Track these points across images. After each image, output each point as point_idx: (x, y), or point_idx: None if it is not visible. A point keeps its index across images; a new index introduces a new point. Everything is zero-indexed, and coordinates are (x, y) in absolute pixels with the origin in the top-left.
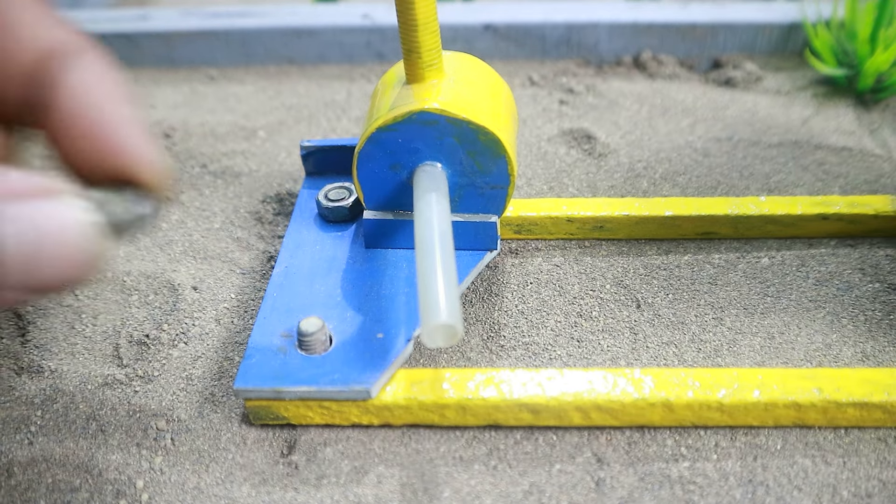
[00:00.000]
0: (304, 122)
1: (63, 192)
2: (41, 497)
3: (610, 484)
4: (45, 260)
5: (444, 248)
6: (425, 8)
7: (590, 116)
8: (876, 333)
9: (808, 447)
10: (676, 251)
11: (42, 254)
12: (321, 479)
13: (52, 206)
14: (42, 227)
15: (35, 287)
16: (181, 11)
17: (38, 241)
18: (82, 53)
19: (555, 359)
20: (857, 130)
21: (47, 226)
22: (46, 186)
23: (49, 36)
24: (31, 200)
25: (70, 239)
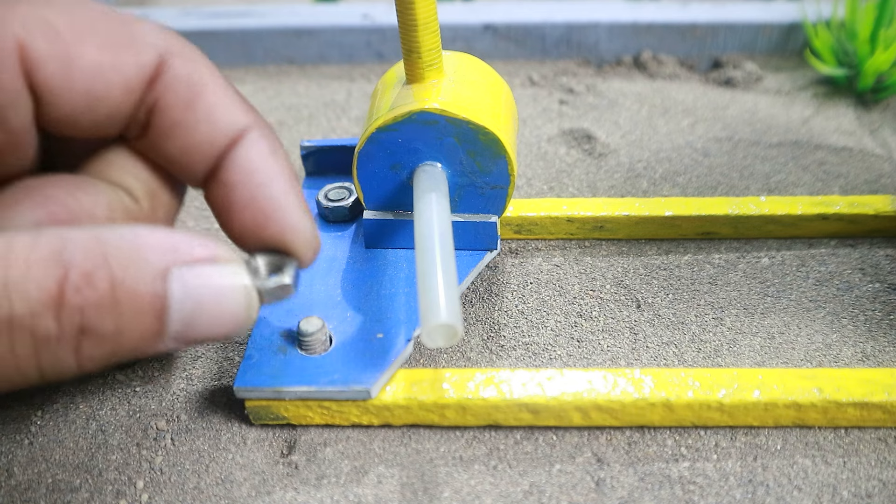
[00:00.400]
0: (304, 122)
1: (228, 260)
2: (41, 497)
3: (610, 484)
4: (204, 318)
5: (444, 248)
6: (425, 8)
7: (590, 116)
8: (876, 333)
9: (809, 447)
10: (676, 251)
11: (201, 313)
12: (321, 479)
13: (217, 271)
14: (205, 290)
15: (189, 340)
16: (181, 11)
17: (200, 301)
18: (254, 130)
19: (555, 359)
20: (858, 130)
21: (210, 289)
22: (214, 254)
23: (239, 120)
24: (199, 265)
25: (227, 303)
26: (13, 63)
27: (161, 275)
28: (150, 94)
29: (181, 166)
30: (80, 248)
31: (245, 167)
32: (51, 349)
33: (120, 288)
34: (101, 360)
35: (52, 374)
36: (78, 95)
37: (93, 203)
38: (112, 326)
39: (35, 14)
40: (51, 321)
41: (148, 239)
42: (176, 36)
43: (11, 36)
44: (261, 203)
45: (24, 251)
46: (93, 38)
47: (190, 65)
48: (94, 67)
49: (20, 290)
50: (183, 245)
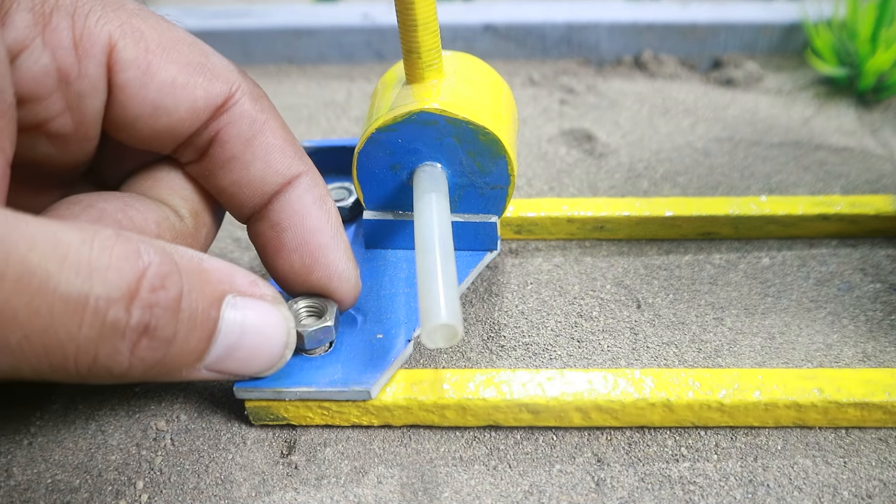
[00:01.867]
0: (304, 122)
1: (276, 299)
2: (40, 497)
3: (610, 484)
4: (243, 351)
5: (444, 249)
6: (425, 8)
7: (590, 116)
8: (877, 334)
9: (809, 447)
10: (677, 251)
11: (242, 344)
12: (321, 480)
13: (265, 307)
14: (251, 323)
15: (224, 371)
16: (181, 11)
17: (245, 332)
18: (306, 176)
19: (555, 359)
20: (859, 130)
21: (256, 323)
22: (264, 292)
23: (293, 165)
24: (252, 299)
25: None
26: (101, 58)
27: (218, 300)
28: (214, 124)
29: (231, 199)
30: (158, 254)
31: (297, 211)
32: (113, 340)
33: (186, 299)
34: (147, 367)
35: (102, 369)
36: (146, 104)
37: (143, 220)
38: (170, 333)
39: (130, 22)
40: (122, 311)
41: (212, 265)
42: (249, 77)
43: (107, 34)
44: (311, 248)
45: (110, 241)
46: (174, 57)
47: (256, 104)
48: (169, 82)
49: (102, 275)
50: (239, 277)
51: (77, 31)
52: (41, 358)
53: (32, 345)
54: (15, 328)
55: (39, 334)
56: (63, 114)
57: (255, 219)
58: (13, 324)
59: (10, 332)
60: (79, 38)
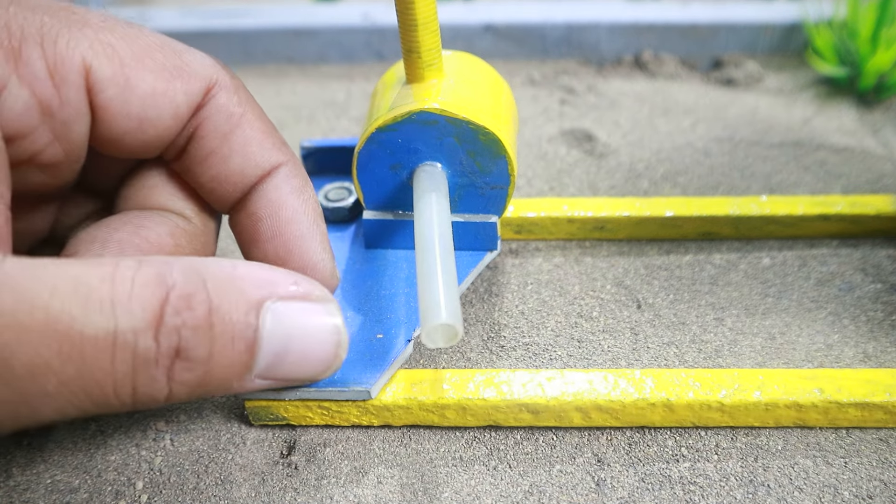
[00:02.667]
0: (304, 121)
1: (322, 298)
2: (40, 498)
3: (610, 484)
4: (292, 356)
5: (444, 249)
6: (425, 8)
7: (590, 116)
8: (877, 334)
9: (810, 448)
10: (677, 251)
11: (291, 350)
12: (321, 480)
13: (310, 308)
14: (297, 327)
15: (276, 378)
16: (181, 11)
17: (291, 337)
18: (286, 166)
19: (555, 359)
20: (859, 130)
21: (301, 326)
22: (308, 291)
23: (272, 156)
24: (294, 301)
25: (317, 342)
26: (79, 81)
27: (255, 307)
28: (193, 120)
29: (212, 193)
30: (182, 273)
31: (274, 201)
32: (147, 369)
33: (216, 314)
34: (191, 388)
35: (145, 397)
36: (131, 118)
37: (157, 236)
38: (205, 351)
39: (99, 38)
40: (150, 340)
41: (246, 271)
42: (225, 68)
43: (79, 56)
44: (285, 238)
45: (130, 272)
46: (149, 65)
47: (233, 97)
48: (149, 93)
49: (125, 308)
50: (280, 280)
51: (49, 59)
52: (82, 398)
53: (71, 388)
54: (49, 376)
55: (75, 378)
56: (51, 143)
57: (235, 210)
58: (47, 372)
59: (45, 380)
60: (52, 66)
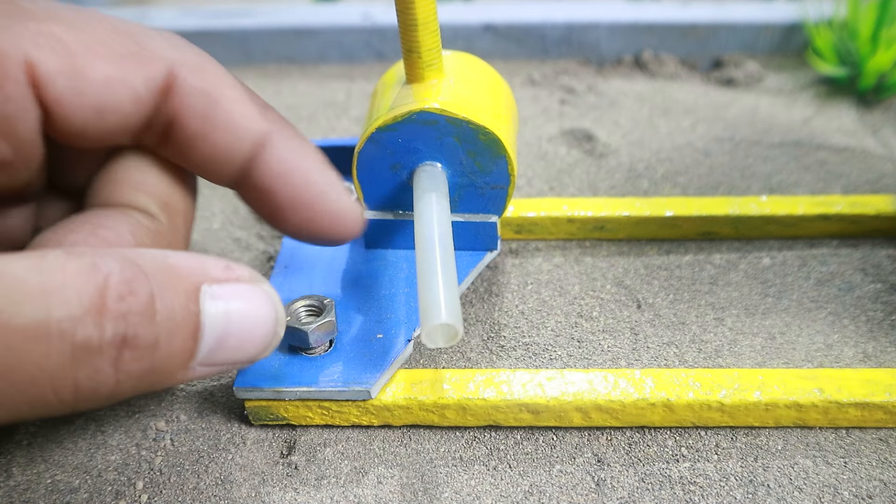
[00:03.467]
0: (304, 121)
1: (254, 280)
2: (40, 497)
3: (610, 484)
4: (233, 339)
5: (444, 249)
6: (425, 8)
7: (590, 116)
8: (877, 334)
9: (809, 448)
10: (677, 251)
11: (232, 333)
12: (321, 480)
13: (246, 290)
14: (236, 309)
15: (220, 363)
16: (181, 11)
17: (231, 320)
18: (276, 130)
19: (555, 359)
20: (859, 130)
21: (241, 308)
22: (239, 275)
23: (258, 125)
24: (229, 284)
25: (256, 321)
26: (21, 77)
27: (194, 292)
28: (166, 106)
29: (208, 172)
30: (117, 261)
31: (281, 172)
32: (91, 360)
33: (158, 299)
34: (137, 379)
35: (88, 392)
36: (87, 109)
37: (117, 236)
38: (151, 338)
39: (44, 30)
40: (91, 328)
41: (176, 258)
42: (187, 46)
43: (21, 50)
44: (305, 202)
45: (60, 262)
46: (101, 53)
47: (203, 75)
48: (103, 81)
49: (58, 296)
50: (211, 265)
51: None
52: (15, 399)
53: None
54: None
55: (6, 375)
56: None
57: (240, 186)
58: None
59: None
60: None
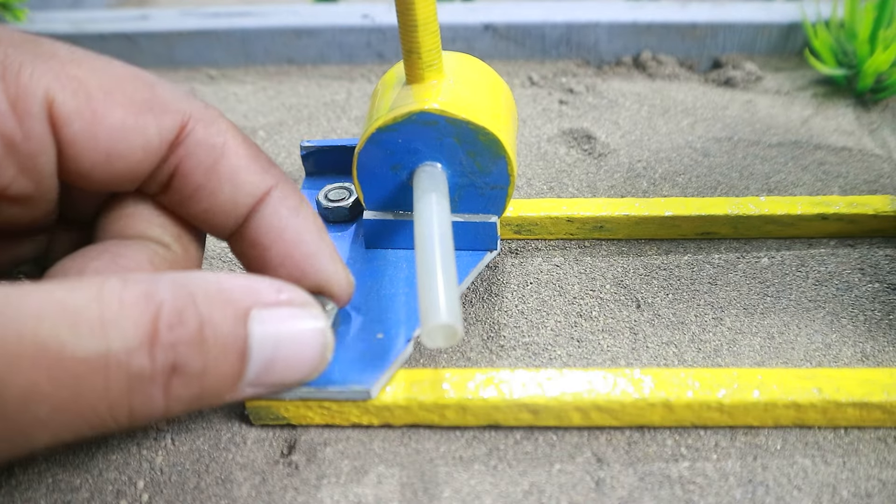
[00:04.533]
0: (304, 122)
1: (305, 303)
2: (41, 497)
3: (610, 484)
4: (281, 362)
5: (444, 249)
6: (425, 8)
7: (590, 116)
8: (876, 333)
9: (808, 447)
10: (676, 251)
11: (279, 356)
12: (321, 479)
13: (295, 313)
14: (284, 332)
15: (266, 384)
16: (181, 11)
17: (279, 343)
18: (278, 188)
19: (555, 359)
20: (857, 130)
21: (288, 331)
22: (292, 297)
23: (261, 182)
24: (279, 308)
25: (304, 346)
26: (42, 115)
27: (243, 316)
28: (172, 157)
29: (207, 224)
30: (169, 289)
31: (275, 226)
32: (144, 388)
33: (207, 326)
34: (186, 402)
35: (141, 416)
36: (99, 153)
37: (136, 263)
38: (200, 365)
39: (65, 71)
40: (145, 358)
41: (229, 282)
42: (199, 101)
43: (42, 89)
44: (295, 260)
45: (117, 291)
46: (118, 99)
47: (211, 129)
48: (118, 127)
49: (116, 328)
50: (263, 288)
51: (11, 91)
52: (77, 423)
53: (65, 414)
54: (42, 402)
55: (69, 402)
56: (18, 177)
57: (235, 239)
58: (39, 398)
59: (38, 407)
60: (14, 98)
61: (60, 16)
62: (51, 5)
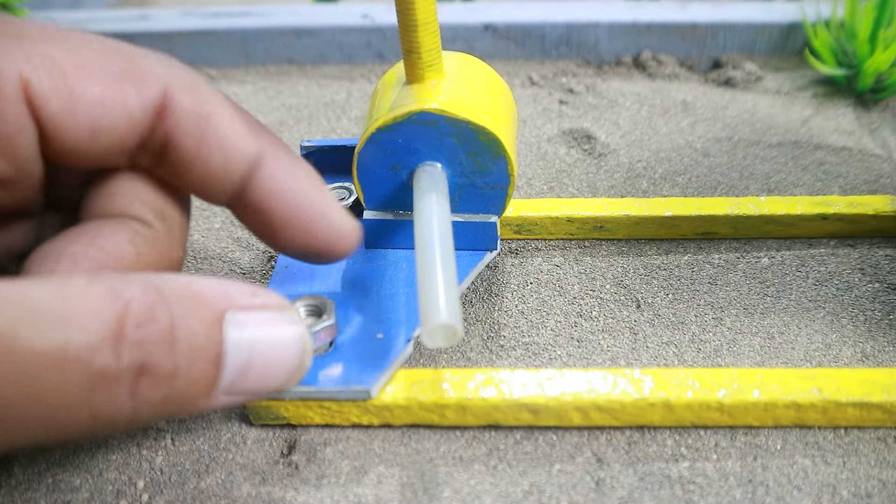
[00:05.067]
0: (304, 122)
1: (281, 307)
2: (41, 497)
3: (610, 484)
4: (257, 368)
5: (444, 249)
6: (425, 8)
7: (590, 116)
8: (876, 333)
9: (808, 447)
10: (676, 251)
11: (255, 362)
12: (321, 479)
13: (271, 318)
14: (260, 337)
15: (240, 393)
16: (181, 11)
17: (255, 348)
18: (269, 150)
19: (555, 359)
20: (857, 130)
21: (264, 336)
22: (266, 301)
23: (252, 145)
24: (254, 311)
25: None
26: (17, 96)
27: (217, 319)
28: (160, 127)
29: (202, 192)
30: (139, 287)
31: (273, 190)
32: (107, 387)
33: (179, 327)
34: (154, 406)
35: (105, 418)
36: (81, 129)
37: (115, 245)
38: (170, 366)
39: (39, 50)
40: (109, 355)
41: (201, 284)
42: (180, 66)
43: (16, 69)
44: (301, 220)
45: (82, 287)
46: (96, 74)
47: (196, 96)
48: (97, 102)
49: (77, 322)
50: (235, 292)
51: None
52: (32, 423)
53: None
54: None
55: (23, 401)
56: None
57: (235, 205)
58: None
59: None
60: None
61: (60, 15)
62: (50, 5)
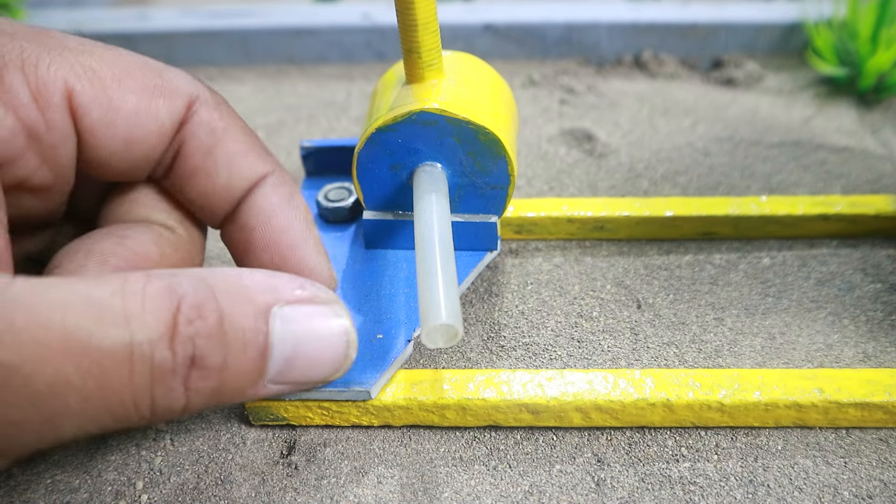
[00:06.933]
0: (304, 121)
1: (328, 301)
2: (40, 497)
3: (610, 484)
4: (302, 360)
5: (444, 249)
6: (425, 8)
7: (590, 116)
8: (877, 334)
9: (809, 448)
10: (677, 251)
11: (301, 354)
12: (321, 480)
13: (317, 311)
14: (305, 330)
15: (287, 382)
16: (181, 11)
17: (300, 341)
18: (272, 176)
19: (555, 359)
20: (859, 130)
21: (310, 329)
22: (314, 294)
23: (257, 168)
24: (300, 305)
25: (326, 344)
26: (62, 105)
27: (264, 312)
28: (177, 137)
29: (202, 208)
30: (191, 283)
31: (264, 211)
32: (165, 380)
33: (227, 321)
34: (206, 396)
35: (163, 408)
36: (117, 139)
37: (141, 246)
38: (219, 359)
39: (79, 61)
40: (166, 350)
41: (250, 279)
42: (203, 83)
43: (62, 79)
44: (280, 246)
45: (140, 284)
46: (131, 86)
47: (213, 112)
48: (133, 113)
49: (139, 320)
50: (283, 285)
51: (32, 83)
52: (104, 413)
53: (92, 404)
54: (71, 392)
55: (96, 393)
56: (40, 167)
57: (225, 223)
58: (68, 388)
59: (67, 397)
60: (35, 90)
61: (60, 15)
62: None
